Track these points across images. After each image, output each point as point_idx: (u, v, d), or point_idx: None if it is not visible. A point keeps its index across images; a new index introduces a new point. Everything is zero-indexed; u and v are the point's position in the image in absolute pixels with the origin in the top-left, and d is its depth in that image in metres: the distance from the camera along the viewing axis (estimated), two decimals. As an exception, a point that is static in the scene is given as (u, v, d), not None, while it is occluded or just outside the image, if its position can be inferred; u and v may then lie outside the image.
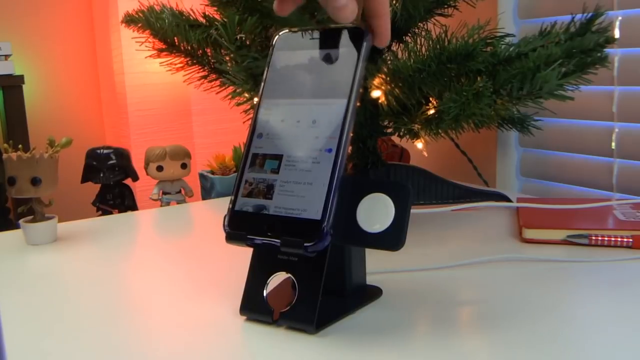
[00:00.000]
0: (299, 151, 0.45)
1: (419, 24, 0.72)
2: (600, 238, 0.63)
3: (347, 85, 0.45)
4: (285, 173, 0.45)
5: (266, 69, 0.49)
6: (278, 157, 0.46)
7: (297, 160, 0.45)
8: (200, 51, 0.80)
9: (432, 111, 0.65)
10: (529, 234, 0.66)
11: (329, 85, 0.46)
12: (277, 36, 0.50)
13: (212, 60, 0.80)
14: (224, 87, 0.77)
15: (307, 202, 0.44)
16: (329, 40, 0.47)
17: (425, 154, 1.06)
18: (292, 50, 0.48)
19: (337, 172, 0.43)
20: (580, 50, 0.64)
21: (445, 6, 0.71)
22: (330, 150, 0.44)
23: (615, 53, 0.86)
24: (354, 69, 0.45)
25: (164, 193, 1.37)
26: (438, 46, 0.61)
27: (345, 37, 0.46)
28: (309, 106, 0.46)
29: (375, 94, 0.65)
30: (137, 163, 1.43)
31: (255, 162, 0.47)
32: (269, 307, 0.47)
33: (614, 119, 0.88)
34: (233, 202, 0.47)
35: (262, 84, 0.49)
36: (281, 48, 0.49)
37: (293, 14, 0.48)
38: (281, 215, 0.44)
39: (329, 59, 0.46)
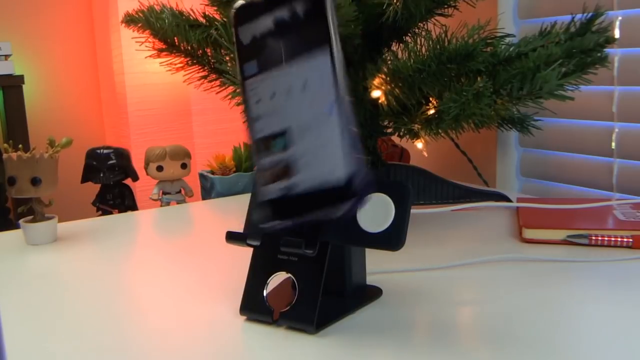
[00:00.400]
0: (300, 121, 0.43)
1: (419, 24, 0.72)
2: (600, 238, 0.63)
3: (324, 34, 0.42)
4: (297, 147, 0.43)
5: (235, 50, 0.46)
6: (283, 134, 0.44)
7: (303, 131, 0.43)
8: (200, 51, 0.80)
9: (432, 111, 0.65)
10: (529, 234, 0.66)
11: (304, 42, 0.43)
12: (234, 12, 0.46)
13: (212, 60, 0.80)
14: (224, 87, 0.77)
15: (330, 168, 0.41)
16: None
17: (425, 154, 1.06)
18: (254, 19, 0.45)
19: (345, 129, 0.41)
20: (580, 50, 0.64)
21: (445, 6, 0.71)
22: (331, 110, 0.42)
23: (615, 53, 0.86)
24: (325, 15, 0.41)
25: (164, 193, 1.37)
26: (438, 46, 0.61)
27: None
28: (293, 70, 0.43)
29: (375, 94, 0.65)
30: (137, 163, 1.43)
31: (262, 147, 0.44)
32: (269, 307, 0.47)
33: (614, 119, 0.88)
34: (258, 195, 0.44)
35: (238, 66, 0.45)
36: (242, 22, 0.45)
37: None
38: (311, 190, 0.42)
39: (295, 14, 0.43)
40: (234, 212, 0.89)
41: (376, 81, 0.64)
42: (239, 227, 0.50)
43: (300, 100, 0.43)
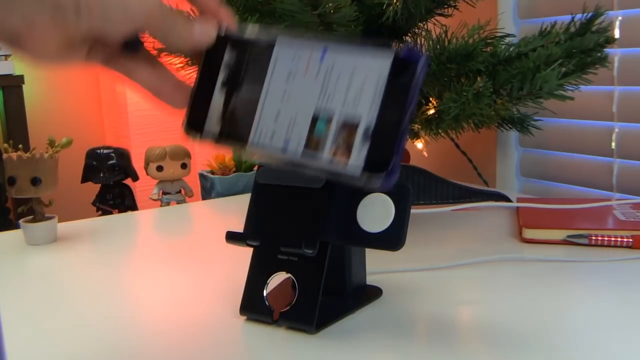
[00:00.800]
0: (312, 96, 0.38)
1: (419, 24, 0.72)
2: (600, 238, 0.63)
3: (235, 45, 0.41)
4: (335, 107, 0.37)
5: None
6: (315, 120, 0.38)
7: (327, 97, 0.38)
8: (200, 51, 0.80)
9: (432, 111, 0.65)
10: (529, 234, 0.66)
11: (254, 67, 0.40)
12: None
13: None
14: (223, 87, 0.77)
15: (373, 72, 0.36)
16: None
17: (425, 154, 1.06)
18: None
19: (346, 43, 0.37)
20: (580, 50, 0.64)
21: (446, 6, 0.72)
22: (322, 55, 0.38)
23: (615, 53, 0.86)
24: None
25: (164, 193, 1.37)
26: (438, 46, 0.61)
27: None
28: (266, 89, 0.40)
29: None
30: (137, 163, 1.43)
31: (312, 148, 0.38)
32: (269, 307, 0.47)
33: (614, 119, 0.88)
34: (347, 179, 0.37)
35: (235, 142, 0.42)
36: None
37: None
38: (380, 111, 0.36)
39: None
40: (234, 212, 0.89)
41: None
42: (239, 227, 0.50)
43: (298, 87, 0.38)
